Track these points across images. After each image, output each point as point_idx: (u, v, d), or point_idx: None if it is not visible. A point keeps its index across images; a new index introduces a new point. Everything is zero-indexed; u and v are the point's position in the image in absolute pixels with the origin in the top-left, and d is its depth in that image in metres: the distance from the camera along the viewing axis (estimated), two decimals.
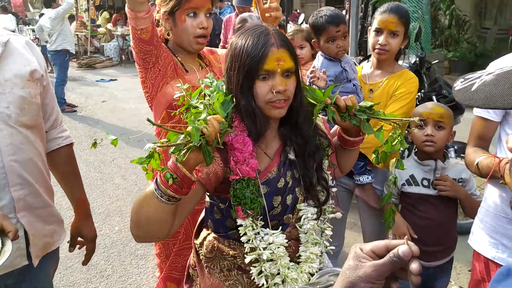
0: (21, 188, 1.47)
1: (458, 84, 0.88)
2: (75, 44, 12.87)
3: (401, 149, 1.42)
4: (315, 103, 1.40)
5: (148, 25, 1.77)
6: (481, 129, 1.74)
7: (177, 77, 1.88)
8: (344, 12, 8.99)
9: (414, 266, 0.68)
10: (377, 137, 1.39)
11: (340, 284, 0.73)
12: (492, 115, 1.70)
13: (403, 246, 0.70)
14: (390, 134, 1.42)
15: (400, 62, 4.05)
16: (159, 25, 1.97)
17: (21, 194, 1.47)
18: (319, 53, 2.39)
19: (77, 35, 13.29)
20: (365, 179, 2.34)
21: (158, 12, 1.96)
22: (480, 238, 1.77)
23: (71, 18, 14.46)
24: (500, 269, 0.49)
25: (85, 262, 1.85)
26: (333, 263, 2.78)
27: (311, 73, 2.15)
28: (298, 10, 13.28)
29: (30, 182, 1.50)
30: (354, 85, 2.30)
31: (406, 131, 2.19)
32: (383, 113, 1.42)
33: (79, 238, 1.81)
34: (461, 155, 3.40)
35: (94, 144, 1.17)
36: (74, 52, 8.83)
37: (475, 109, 1.74)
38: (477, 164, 1.65)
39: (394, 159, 1.50)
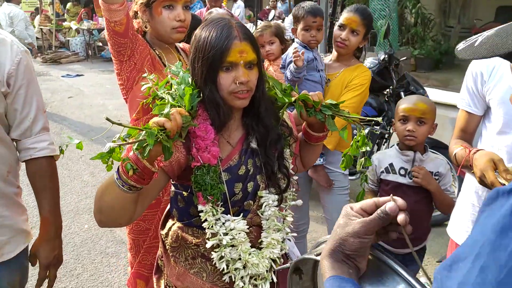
0: None
1: (460, 45, 0.93)
2: (39, 38, 12.48)
3: (367, 149, 1.46)
4: (283, 99, 1.45)
5: (122, 17, 1.74)
6: (464, 122, 1.81)
7: (155, 72, 1.86)
8: None
9: (401, 217, 0.74)
10: (341, 136, 1.45)
11: (331, 241, 0.77)
12: (474, 109, 1.77)
13: (390, 203, 0.75)
14: (355, 137, 1.46)
15: (369, 59, 4.14)
16: (137, 17, 1.94)
17: None
18: (295, 40, 2.59)
19: (41, 29, 12.87)
20: (316, 161, 2.44)
21: (136, 4, 1.94)
22: (457, 227, 1.83)
23: (36, 11, 14.02)
24: (489, 193, 0.51)
25: (36, 287, 1.66)
26: (300, 242, 2.85)
27: (293, 52, 2.34)
28: (268, 7, 13.31)
29: None
30: (320, 76, 2.50)
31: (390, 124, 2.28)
32: (347, 112, 1.48)
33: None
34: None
35: (61, 152, 1.19)
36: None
37: (459, 103, 1.82)
38: (454, 155, 1.72)
39: (363, 159, 1.54)
